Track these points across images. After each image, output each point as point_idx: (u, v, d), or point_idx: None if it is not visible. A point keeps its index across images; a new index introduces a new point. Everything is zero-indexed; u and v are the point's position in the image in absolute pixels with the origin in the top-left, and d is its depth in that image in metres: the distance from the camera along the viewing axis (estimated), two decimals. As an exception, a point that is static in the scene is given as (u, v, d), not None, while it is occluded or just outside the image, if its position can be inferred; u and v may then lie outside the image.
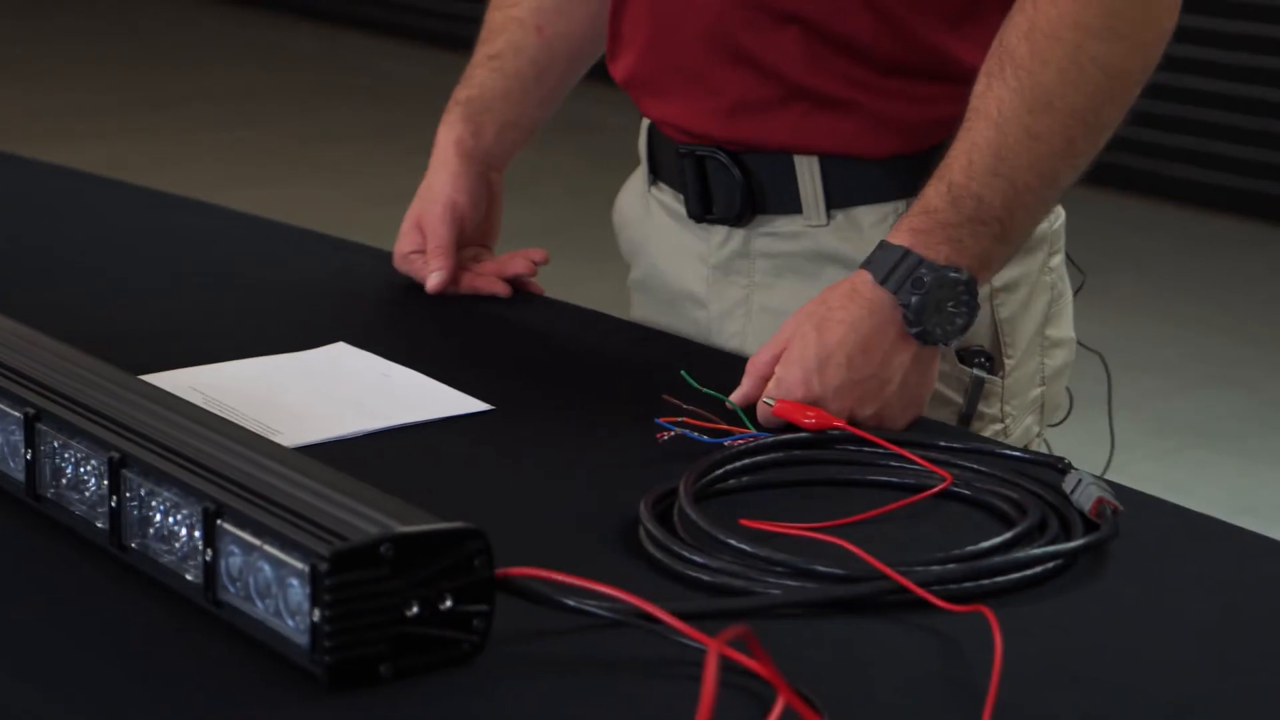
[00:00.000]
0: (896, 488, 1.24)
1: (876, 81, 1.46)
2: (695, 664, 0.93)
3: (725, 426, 1.30)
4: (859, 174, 1.48)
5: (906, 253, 1.33)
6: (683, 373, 1.34)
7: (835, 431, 1.29)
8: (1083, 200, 1.62)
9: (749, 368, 1.35)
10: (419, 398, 1.41)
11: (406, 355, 1.48)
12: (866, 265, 1.35)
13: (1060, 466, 1.25)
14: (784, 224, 1.51)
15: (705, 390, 1.32)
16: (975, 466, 1.26)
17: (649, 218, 1.61)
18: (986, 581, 1.10)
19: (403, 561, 0.97)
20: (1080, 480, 1.21)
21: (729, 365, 1.39)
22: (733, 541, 1.13)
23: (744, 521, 1.17)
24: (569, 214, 5.27)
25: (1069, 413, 1.59)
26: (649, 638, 1.01)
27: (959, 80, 1.40)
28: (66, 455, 1.14)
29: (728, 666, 0.96)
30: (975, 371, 1.48)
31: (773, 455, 1.27)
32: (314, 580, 0.96)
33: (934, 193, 1.35)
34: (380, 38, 7.90)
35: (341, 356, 1.50)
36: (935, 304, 1.32)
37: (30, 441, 1.16)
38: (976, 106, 1.36)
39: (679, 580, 1.11)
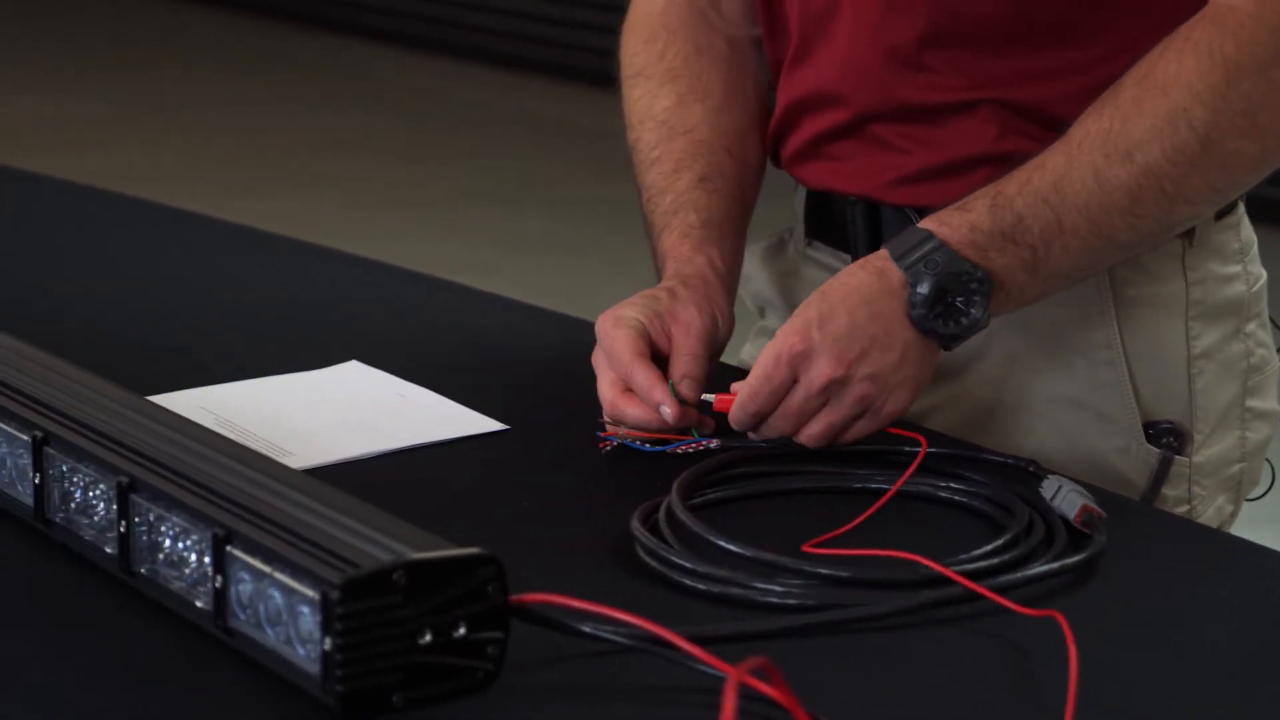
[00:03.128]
0: (872, 493, 1.24)
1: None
2: (714, 690, 0.92)
3: (666, 436, 1.30)
4: None
5: (929, 236, 1.29)
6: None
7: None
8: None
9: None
10: (433, 417, 1.39)
11: (421, 374, 1.47)
12: (886, 243, 1.30)
13: (1032, 469, 1.25)
14: None
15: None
16: (948, 469, 1.26)
17: (796, 273, 1.54)
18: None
19: (415, 589, 0.96)
20: (1060, 486, 1.20)
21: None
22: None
23: (806, 548, 1.16)
24: (584, 222, 5.26)
25: (1271, 485, 1.52)
26: (667, 663, 1.00)
27: None
28: (75, 479, 1.12)
29: (747, 694, 0.94)
30: (1163, 451, 1.40)
31: (738, 469, 1.27)
32: (325, 608, 0.95)
33: (979, 195, 1.30)
34: (380, 45, 7.91)
35: (354, 375, 1.49)
36: (943, 293, 1.27)
37: (39, 465, 1.14)
38: (1067, 133, 1.30)
39: (705, 599, 1.11)
